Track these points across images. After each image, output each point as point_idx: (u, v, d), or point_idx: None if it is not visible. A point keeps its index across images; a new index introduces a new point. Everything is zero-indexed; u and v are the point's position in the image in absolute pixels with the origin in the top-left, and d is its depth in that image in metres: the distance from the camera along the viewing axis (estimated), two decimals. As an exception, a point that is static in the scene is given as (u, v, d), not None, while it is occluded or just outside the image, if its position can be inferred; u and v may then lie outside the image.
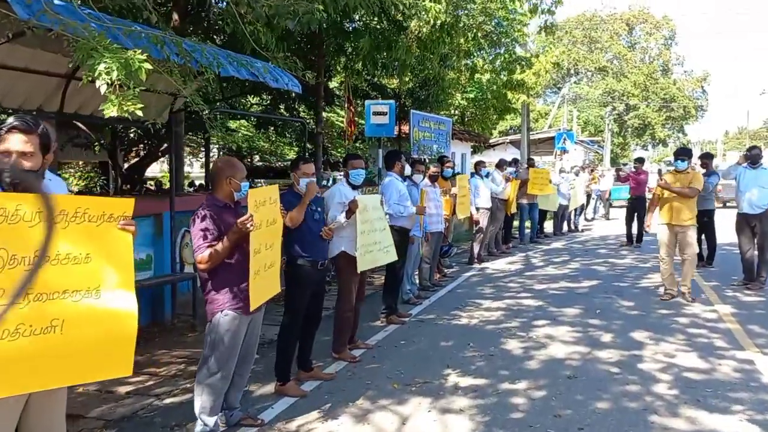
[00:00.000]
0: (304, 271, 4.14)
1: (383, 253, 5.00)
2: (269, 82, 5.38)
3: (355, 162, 4.93)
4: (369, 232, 4.76)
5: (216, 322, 3.24)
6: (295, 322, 4.21)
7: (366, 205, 4.73)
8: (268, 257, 3.37)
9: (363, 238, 4.66)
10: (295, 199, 4.10)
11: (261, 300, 3.32)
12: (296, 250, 4.12)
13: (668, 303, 6.81)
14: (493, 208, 10.47)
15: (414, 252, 6.87)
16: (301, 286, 4.16)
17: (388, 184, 5.99)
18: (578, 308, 6.58)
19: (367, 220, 4.73)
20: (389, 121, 10.03)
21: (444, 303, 6.99)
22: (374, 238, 4.87)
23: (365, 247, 4.69)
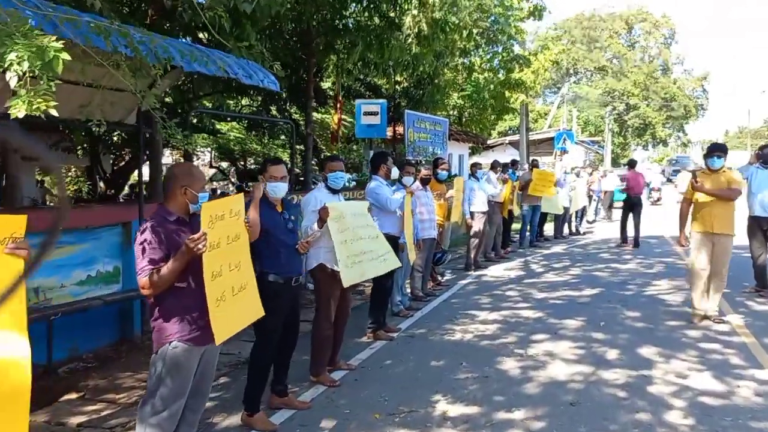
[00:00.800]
0: (276, 288, 3.70)
1: (379, 262, 4.57)
2: (241, 78, 4.94)
3: (334, 164, 4.49)
4: (353, 241, 4.32)
5: (162, 354, 2.78)
6: (268, 346, 3.77)
7: (342, 213, 4.28)
8: (235, 279, 2.91)
9: (345, 248, 4.22)
10: (265, 207, 3.67)
11: (232, 330, 2.86)
12: (267, 264, 3.68)
13: (676, 313, 6.36)
14: (490, 211, 10.03)
15: (403, 260, 6.42)
16: (274, 306, 3.70)
17: (374, 189, 5.54)
18: (580, 320, 6.13)
19: (346, 229, 4.28)
20: (381, 122, 9.62)
21: (437, 315, 6.54)
22: (362, 248, 4.42)
23: (351, 258, 4.25)
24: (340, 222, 4.23)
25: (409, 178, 6.36)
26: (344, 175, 4.57)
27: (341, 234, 4.21)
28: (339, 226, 4.21)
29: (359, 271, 4.35)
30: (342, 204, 4.44)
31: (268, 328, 3.70)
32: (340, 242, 4.18)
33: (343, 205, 4.43)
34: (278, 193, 3.73)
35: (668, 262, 9.88)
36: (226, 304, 2.75)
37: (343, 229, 4.25)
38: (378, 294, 5.64)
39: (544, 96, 51.90)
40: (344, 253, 4.18)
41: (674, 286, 7.86)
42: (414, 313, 6.54)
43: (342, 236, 4.22)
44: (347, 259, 4.20)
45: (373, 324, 5.60)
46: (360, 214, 4.52)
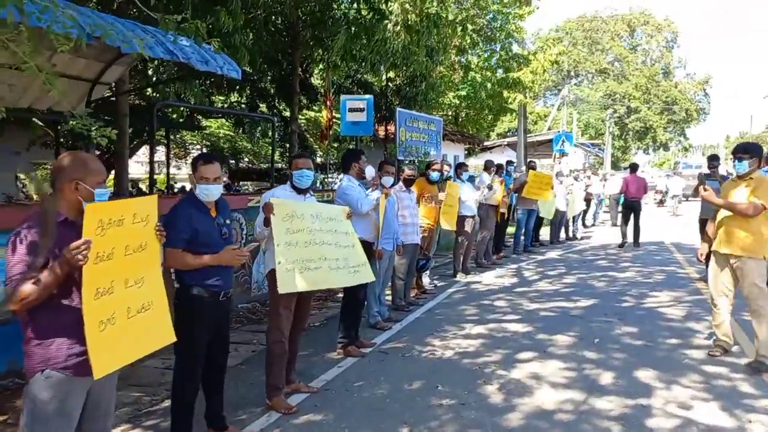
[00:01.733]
0: (201, 303, 3.20)
1: (347, 272, 4.06)
2: (195, 63, 4.44)
3: (300, 161, 4.00)
4: (308, 244, 3.82)
5: (34, 384, 2.26)
6: (190, 371, 3.26)
7: (295, 211, 3.79)
8: (134, 298, 2.39)
9: (290, 251, 3.73)
10: (194, 209, 3.16)
11: (123, 360, 2.34)
12: (190, 276, 3.17)
13: (677, 330, 5.84)
14: (482, 215, 9.53)
15: (383, 268, 5.91)
16: (197, 324, 3.21)
17: (344, 189, 5.02)
18: (573, 336, 5.61)
19: (300, 230, 3.79)
20: (367, 119, 9.08)
21: (417, 327, 6.02)
22: (321, 253, 3.91)
23: (299, 264, 3.75)
24: (292, 222, 3.75)
25: (389, 178, 5.83)
26: (311, 173, 4.06)
27: (289, 235, 3.73)
28: (289, 226, 3.73)
29: (311, 278, 3.84)
30: (299, 203, 3.93)
31: (188, 349, 3.20)
32: (284, 243, 3.70)
33: (300, 204, 3.92)
34: (210, 196, 3.22)
35: (668, 271, 9.37)
36: (116, 328, 2.24)
37: (295, 229, 3.76)
38: (349, 306, 5.12)
39: (544, 98, 51.49)
40: (286, 255, 3.70)
41: (674, 298, 7.34)
42: (392, 325, 6.02)
43: (290, 237, 3.73)
44: (291, 263, 3.71)
45: (343, 339, 5.07)
46: (329, 218, 4.01)
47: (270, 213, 3.66)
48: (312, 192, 4.19)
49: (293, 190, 4.01)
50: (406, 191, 6.63)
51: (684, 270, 9.47)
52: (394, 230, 5.96)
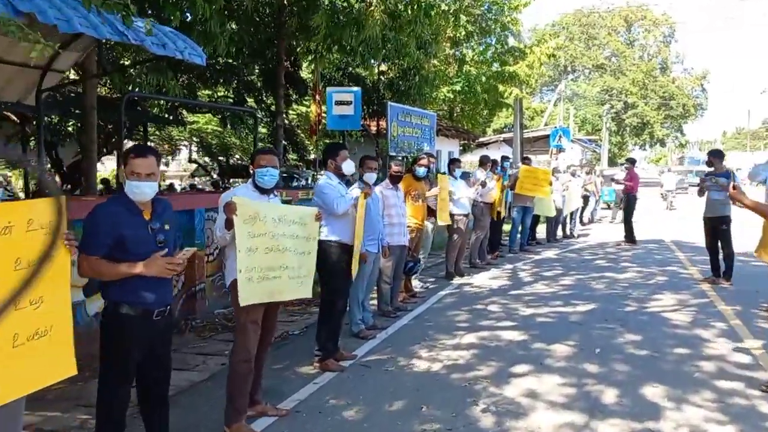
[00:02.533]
0: (131, 324, 2.74)
1: (296, 283, 3.59)
2: (149, 47, 3.97)
3: (264, 158, 3.54)
4: (270, 250, 3.38)
5: None
6: (117, 388, 2.80)
7: (259, 213, 3.34)
8: (27, 322, 1.94)
9: (251, 258, 3.29)
10: (122, 209, 2.71)
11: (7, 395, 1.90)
12: (115, 290, 2.72)
13: (684, 338, 5.41)
14: (477, 213, 9.09)
15: (367, 272, 5.46)
16: (126, 347, 2.75)
17: (321, 187, 4.56)
18: (572, 345, 5.18)
19: (262, 234, 3.34)
20: (355, 112, 8.65)
21: (404, 336, 5.57)
22: (282, 261, 3.46)
23: (258, 272, 3.31)
24: (255, 225, 3.30)
25: (371, 174, 5.38)
26: (276, 171, 3.60)
27: (251, 239, 3.28)
28: (251, 230, 3.28)
29: (268, 288, 3.40)
30: (263, 204, 3.47)
31: (119, 374, 2.77)
32: (245, 249, 3.25)
33: (265, 206, 3.46)
34: (142, 195, 2.75)
35: (670, 272, 8.95)
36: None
37: (257, 233, 3.32)
38: (327, 315, 4.66)
39: (541, 94, 51.04)
40: (247, 263, 3.27)
41: (679, 301, 6.91)
42: (377, 334, 5.57)
43: (251, 242, 3.29)
44: (251, 271, 3.29)
45: (319, 351, 4.62)
46: (293, 222, 3.54)
47: (232, 214, 3.21)
48: (276, 192, 3.72)
49: (256, 189, 3.55)
50: (392, 189, 6.17)
51: (686, 270, 9.05)
52: (378, 231, 5.50)
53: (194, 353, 5.16)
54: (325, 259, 4.58)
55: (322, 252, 4.59)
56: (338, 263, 4.58)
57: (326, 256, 4.56)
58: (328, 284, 4.65)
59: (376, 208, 5.53)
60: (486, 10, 15.68)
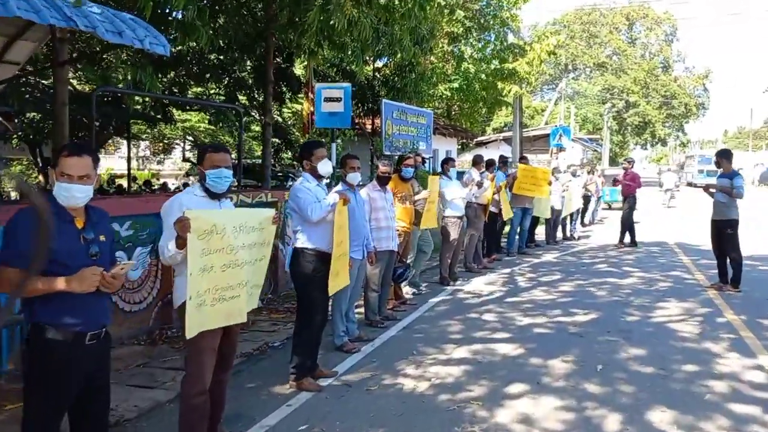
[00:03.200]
0: (60, 350, 2.35)
1: (246, 295, 3.17)
2: (102, 34, 3.57)
3: (216, 156, 3.12)
4: (226, 267, 2.95)
5: None
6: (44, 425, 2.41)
7: (216, 225, 2.88)
8: None
9: (202, 280, 2.85)
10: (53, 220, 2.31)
11: None
12: (40, 310, 2.33)
13: (693, 353, 5.01)
14: (471, 215, 8.70)
15: (351, 279, 5.06)
16: (54, 378, 2.36)
17: (296, 191, 4.16)
18: (571, 360, 4.78)
19: (219, 250, 2.91)
20: (345, 109, 8.22)
21: (391, 349, 5.18)
22: (240, 278, 3.04)
23: (213, 293, 2.90)
24: (210, 240, 2.86)
25: (355, 174, 4.99)
26: (230, 173, 3.20)
27: (205, 257, 2.84)
28: (206, 246, 2.84)
29: (225, 311, 2.98)
30: (219, 213, 3.05)
31: (43, 406, 2.39)
32: (198, 270, 2.81)
33: (222, 215, 3.02)
34: (73, 200, 2.37)
35: (674, 277, 8.55)
36: None
37: (213, 249, 2.88)
38: (303, 330, 4.27)
39: (541, 93, 50.66)
40: (199, 287, 2.83)
41: (685, 310, 6.52)
42: (362, 346, 5.18)
43: (205, 261, 2.85)
44: (203, 295, 2.85)
45: (295, 369, 4.22)
46: (255, 228, 3.12)
47: (186, 232, 2.75)
48: (228, 196, 3.27)
49: (206, 194, 3.07)
50: (380, 190, 5.78)
51: (692, 276, 8.65)
52: (364, 236, 5.12)
53: (164, 368, 4.77)
54: (302, 269, 4.19)
55: (298, 261, 4.21)
56: (315, 273, 4.18)
57: (302, 266, 4.18)
58: (304, 296, 4.26)
59: (361, 212, 5.16)
60: (484, 6, 15.28)
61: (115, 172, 24.19)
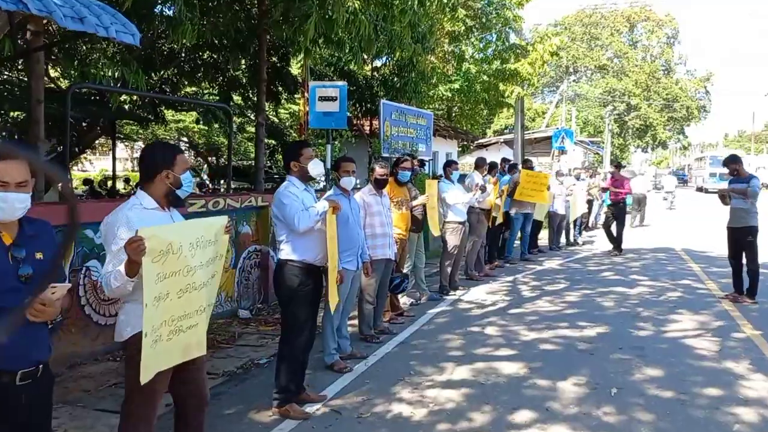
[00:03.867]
0: None
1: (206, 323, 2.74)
2: (61, 21, 3.18)
3: (185, 158, 2.73)
4: (182, 293, 2.52)
5: None
6: None
7: (172, 244, 2.45)
8: None
9: (156, 312, 2.42)
10: None
11: None
12: None
13: (713, 373, 4.62)
14: (473, 220, 8.31)
15: (343, 293, 4.67)
16: None
17: (281, 196, 3.76)
18: (582, 383, 4.38)
19: (176, 272, 2.47)
20: (340, 109, 7.85)
21: (386, 368, 4.78)
22: (198, 303, 2.61)
23: (169, 326, 2.48)
24: (165, 262, 2.42)
25: (349, 178, 4.61)
26: (191, 177, 2.80)
27: (160, 284, 2.41)
28: (162, 269, 2.41)
29: (182, 344, 2.55)
30: (176, 228, 2.62)
31: None
32: (152, 300, 2.39)
33: (178, 231, 2.59)
34: (9, 210, 2.00)
35: (684, 286, 8.14)
36: None
37: (168, 273, 2.44)
38: (287, 350, 3.86)
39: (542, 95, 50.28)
40: (154, 320, 2.40)
41: (700, 324, 6.12)
42: (355, 365, 4.78)
43: (160, 288, 2.41)
44: (158, 329, 2.43)
45: (279, 394, 3.82)
46: (211, 242, 2.66)
47: (141, 256, 2.31)
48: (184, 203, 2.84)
49: (157, 206, 2.64)
50: (375, 194, 5.39)
51: (703, 285, 8.25)
52: (358, 244, 4.72)
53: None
54: (286, 283, 3.79)
55: (282, 274, 3.82)
56: (301, 288, 3.78)
57: (287, 280, 3.78)
58: (288, 313, 3.86)
59: (356, 218, 4.76)
60: (486, 4, 14.90)
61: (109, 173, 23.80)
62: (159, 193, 2.66)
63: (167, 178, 2.67)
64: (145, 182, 2.67)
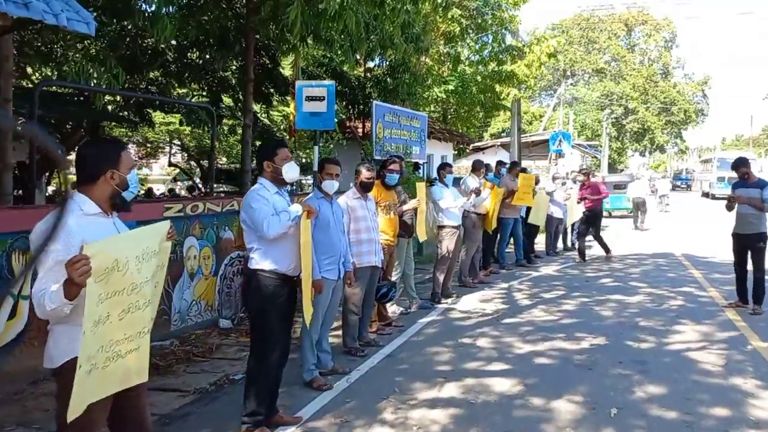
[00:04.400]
0: None
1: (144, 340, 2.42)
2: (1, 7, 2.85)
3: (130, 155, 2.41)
4: (123, 314, 2.19)
5: None
6: None
7: (117, 262, 2.13)
8: None
9: (94, 338, 2.09)
10: None
11: None
12: None
13: (720, 390, 4.31)
14: (468, 225, 8.02)
15: (323, 305, 4.36)
16: None
17: (250, 200, 3.45)
18: (579, 401, 4.07)
19: (119, 291, 2.15)
20: (328, 109, 7.52)
21: (370, 384, 4.46)
22: (141, 324, 2.28)
23: (103, 353, 2.15)
24: (110, 280, 2.10)
25: (332, 182, 4.31)
26: (137, 177, 2.49)
27: (101, 306, 2.09)
28: (102, 290, 2.09)
29: (121, 370, 2.23)
30: (120, 242, 2.27)
31: None
32: (91, 325, 2.06)
33: (123, 244, 2.25)
34: None
35: (685, 294, 7.84)
36: None
37: (111, 292, 2.12)
38: (256, 369, 3.54)
39: (540, 98, 50.10)
40: (92, 347, 2.08)
41: (704, 335, 5.81)
42: (336, 381, 4.46)
43: (101, 310, 2.09)
44: (94, 357, 2.11)
45: (248, 418, 3.49)
46: (154, 252, 2.34)
47: (85, 279, 2.00)
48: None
49: (100, 210, 2.32)
50: (360, 198, 5.09)
51: (705, 292, 7.95)
52: (339, 252, 4.42)
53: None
54: (256, 295, 3.48)
55: (251, 285, 3.50)
56: (273, 300, 3.46)
57: (257, 291, 3.46)
58: (258, 328, 3.54)
59: (338, 224, 4.45)
60: (482, 5, 14.63)
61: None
62: (102, 197, 2.34)
63: (112, 178, 2.35)
64: (85, 184, 2.35)
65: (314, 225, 4.01)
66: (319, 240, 4.04)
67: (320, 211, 4.25)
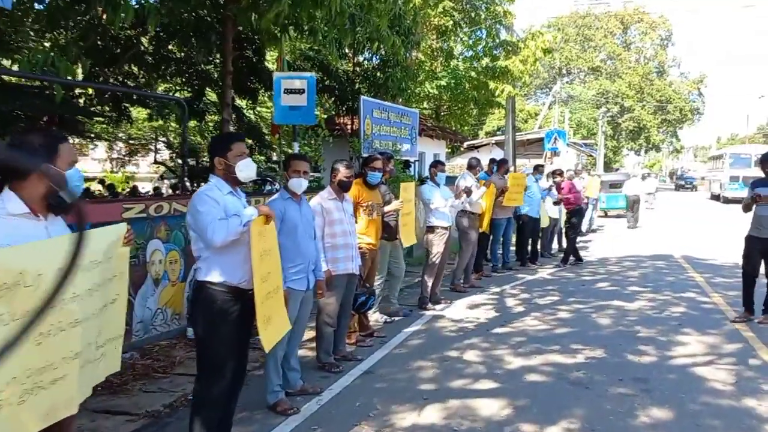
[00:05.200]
0: None
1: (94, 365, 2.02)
2: None
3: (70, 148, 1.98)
4: (43, 338, 1.81)
5: None
6: None
7: (24, 273, 1.74)
8: None
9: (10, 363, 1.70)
10: None
11: None
12: None
13: (735, 417, 3.86)
14: (464, 226, 7.58)
15: (290, 317, 3.89)
16: None
17: (196, 202, 2.97)
18: (576, 427, 3.62)
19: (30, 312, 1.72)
20: (308, 102, 7.06)
21: (343, 407, 4.00)
22: (62, 349, 1.89)
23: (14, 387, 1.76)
24: (16, 297, 1.71)
25: (299, 180, 3.85)
26: (80, 174, 2.07)
27: (4, 327, 1.67)
28: (7, 310, 1.70)
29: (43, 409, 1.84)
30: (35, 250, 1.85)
31: None
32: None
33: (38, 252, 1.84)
34: None
35: (688, 300, 7.41)
36: None
37: (18, 314, 1.72)
38: (202, 397, 3.06)
39: (535, 96, 49.71)
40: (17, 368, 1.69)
41: (709, 347, 5.37)
42: (305, 404, 3.99)
43: (4, 333, 1.68)
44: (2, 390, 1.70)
45: (194, 453, 3.03)
46: (97, 263, 1.97)
47: None
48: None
49: (28, 211, 1.97)
50: (335, 199, 4.62)
51: (709, 298, 7.52)
52: (308, 259, 3.95)
53: None
54: (202, 311, 3.00)
55: (197, 300, 3.03)
56: (223, 317, 2.99)
57: (204, 306, 2.99)
58: (205, 349, 3.06)
59: (307, 228, 3.99)
60: (475, -1, 14.20)
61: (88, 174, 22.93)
62: (34, 195, 1.99)
63: (47, 175, 1.94)
64: (14, 180, 1.93)
65: (279, 230, 3.56)
66: (284, 246, 3.58)
67: (286, 213, 3.80)
